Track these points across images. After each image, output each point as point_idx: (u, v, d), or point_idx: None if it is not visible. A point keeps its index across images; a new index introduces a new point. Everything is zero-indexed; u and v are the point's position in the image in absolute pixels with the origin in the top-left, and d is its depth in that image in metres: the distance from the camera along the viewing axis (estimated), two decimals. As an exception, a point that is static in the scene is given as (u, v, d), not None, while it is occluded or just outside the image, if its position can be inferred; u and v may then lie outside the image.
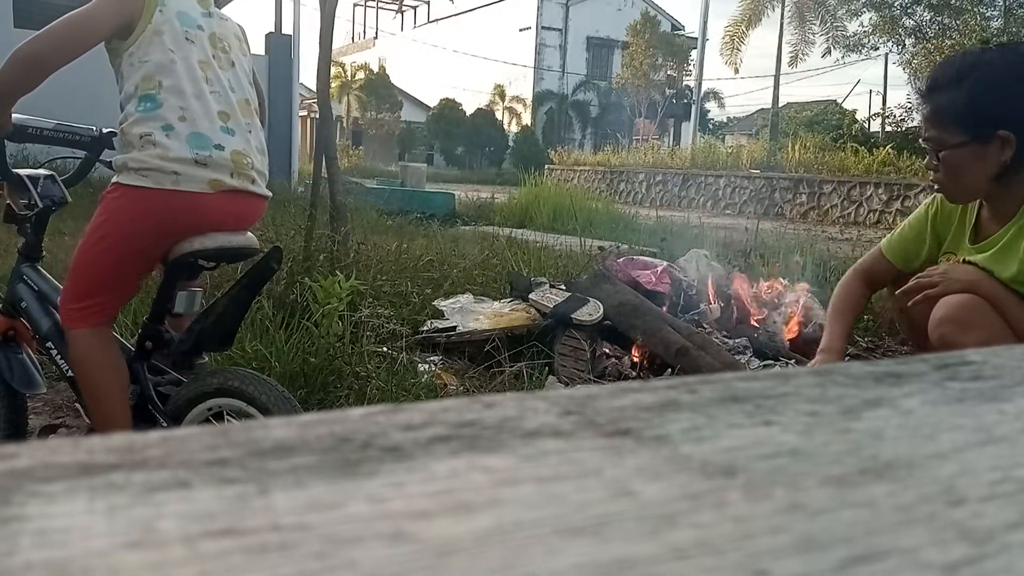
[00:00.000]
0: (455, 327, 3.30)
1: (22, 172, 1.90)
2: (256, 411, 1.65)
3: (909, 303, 1.83)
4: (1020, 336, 1.71)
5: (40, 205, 1.87)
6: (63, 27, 1.62)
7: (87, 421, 1.85)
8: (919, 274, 1.85)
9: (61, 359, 1.85)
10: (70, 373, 1.87)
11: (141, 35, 1.68)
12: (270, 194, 1.90)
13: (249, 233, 1.83)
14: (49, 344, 1.84)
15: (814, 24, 22.00)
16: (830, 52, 21.07)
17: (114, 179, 1.70)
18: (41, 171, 1.96)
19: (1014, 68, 1.68)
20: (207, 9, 1.82)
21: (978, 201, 1.84)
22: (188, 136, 1.67)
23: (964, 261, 1.83)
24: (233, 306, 1.78)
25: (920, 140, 1.81)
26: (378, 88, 32.34)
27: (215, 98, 1.74)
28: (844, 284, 2.06)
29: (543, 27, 33.35)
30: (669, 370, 2.97)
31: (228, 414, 1.71)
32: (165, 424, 1.75)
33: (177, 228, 1.70)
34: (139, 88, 1.67)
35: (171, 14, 1.71)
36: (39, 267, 1.93)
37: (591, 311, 3.16)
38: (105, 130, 1.95)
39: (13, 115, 1.79)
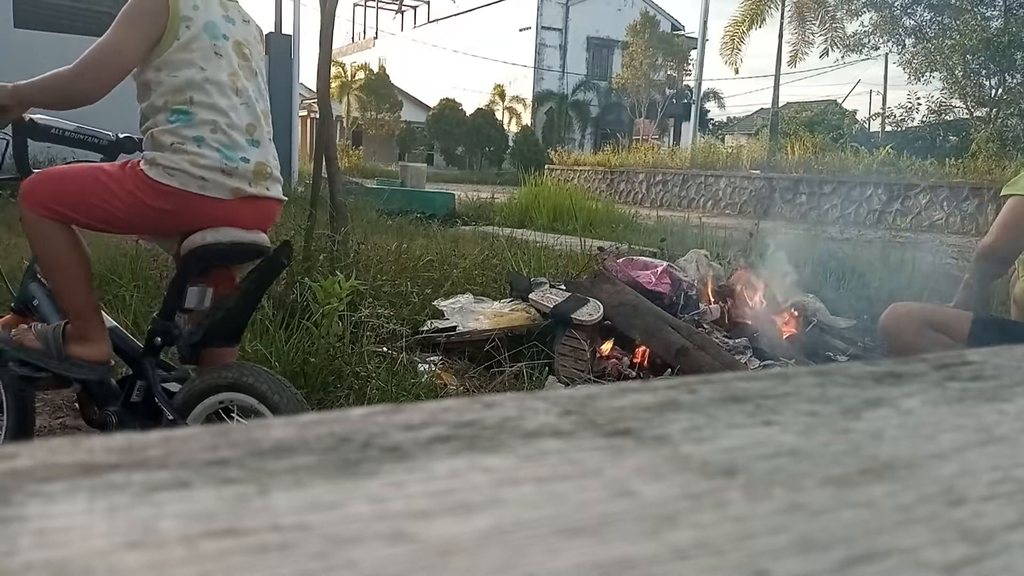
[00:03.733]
0: (455, 327, 3.30)
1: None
2: (264, 407, 1.66)
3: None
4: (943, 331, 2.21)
5: None
6: (100, 59, 1.67)
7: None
8: None
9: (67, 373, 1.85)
10: None
11: (168, 49, 1.70)
12: (285, 198, 1.93)
13: (262, 233, 1.85)
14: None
15: (814, 24, 21.99)
16: (829, 52, 21.07)
17: (140, 165, 1.72)
18: None
19: None
20: (228, 12, 1.82)
21: None
22: (218, 147, 1.71)
23: None
24: (242, 301, 1.81)
25: None
26: (378, 88, 32.30)
27: (244, 110, 1.78)
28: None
29: (543, 27, 33.32)
30: (669, 370, 2.97)
31: (232, 411, 1.72)
32: (171, 417, 1.76)
33: (192, 226, 1.74)
34: (169, 102, 1.70)
35: (199, 28, 1.73)
36: None
37: (591, 311, 3.16)
38: (122, 135, 2.01)
39: (38, 115, 1.86)
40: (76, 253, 1.78)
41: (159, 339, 1.84)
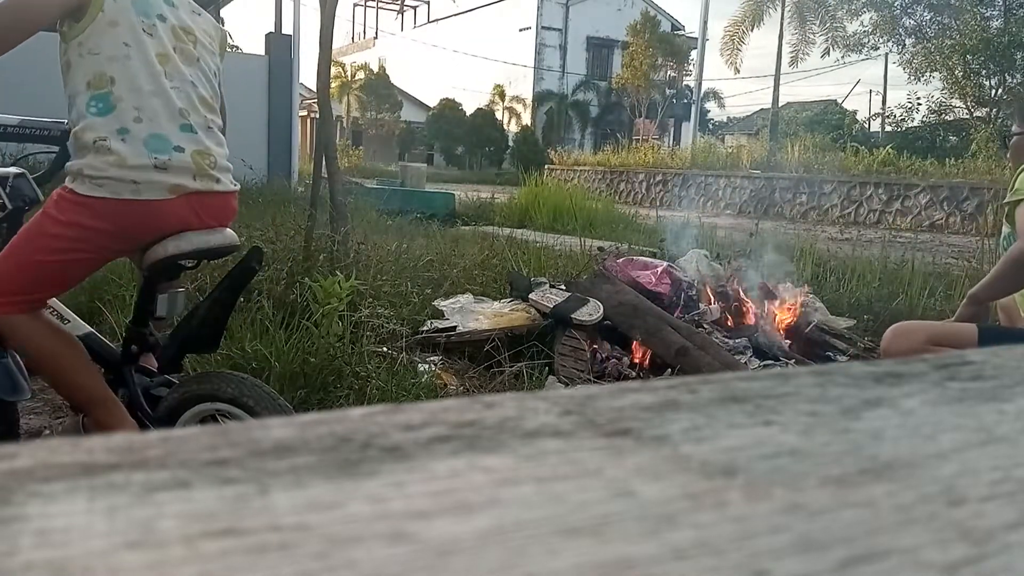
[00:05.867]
0: (455, 327, 3.31)
1: None
2: (247, 417, 1.62)
3: None
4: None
5: (10, 206, 1.79)
6: (5, 13, 1.52)
7: (66, 404, 1.81)
8: None
9: None
10: None
11: (92, 23, 1.58)
12: (237, 187, 1.81)
13: (228, 230, 1.76)
14: None
15: (814, 24, 21.99)
16: (830, 52, 21.08)
17: (67, 182, 1.60)
18: (11, 169, 1.86)
19: None
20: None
21: None
22: (146, 138, 1.59)
23: None
24: (216, 308, 1.74)
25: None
26: (378, 88, 32.31)
27: (176, 94, 1.64)
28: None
29: (543, 27, 33.31)
30: (669, 370, 2.97)
31: (219, 419, 1.68)
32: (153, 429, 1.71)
33: (139, 236, 1.63)
34: (90, 85, 1.58)
35: (126, 2, 1.61)
36: None
37: (591, 311, 3.16)
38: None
39: None
40: (59, 338, 1.66)
41: (135, 347, 1.77)
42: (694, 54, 23.49)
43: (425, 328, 3.36)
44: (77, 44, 1.59)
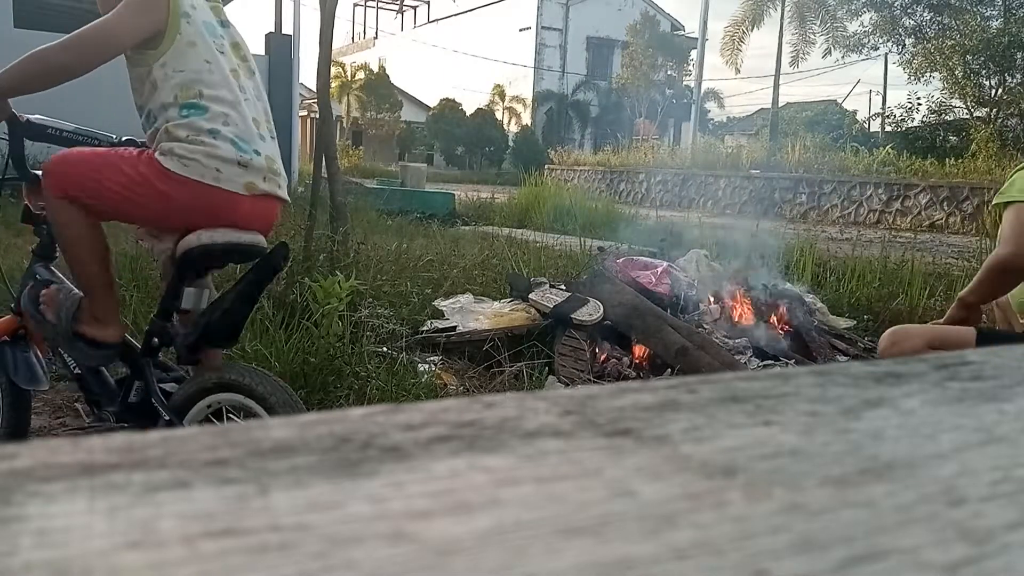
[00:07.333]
0: (455, 327, 3.31)
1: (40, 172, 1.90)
2: (259, 407, 1.65)
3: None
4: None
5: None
6: (91, 37, 1.66)
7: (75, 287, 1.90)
8: None
9: (69, 357, 1.86)
10: (77, 371, 1.88)
11: (172, 45, 1.71)
12: (288, 200, 1.93)
13: (259, 233, 1.84)
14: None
15: (814, 24, 21.99)
16: (830, 52, 21.06)
17: (156, 154, 1.70)
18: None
19: None
20: (220, 18, 1.85)
21: None
22: (233, 139, 1.71)
23: None
24: (239, 301, 1.79)
25: None
26: (378, 88, 32.28)
27: (248, 106, 1.78)
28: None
29: (543, 27, 33.31)
30: (669, 370, 2.97)
31: (230, 410, 1.72)
32: (168, 418, 1.75)
33: (196, 219, 1.72)
34: (179, 97, 1.70)
35: (199, 24, 1.74)
36: (52, 267, 1.95)
37: (591, 311, 3.16)
38: (124, 138, 1.99)
39: (35, 116, 1.85)
40: (93, 231, 1.78)
41: (156, 340, 1.83)
42: (694, 54, 23.48)
43: (425, 328, 3.36)
44: (161, 65, 1.71)
